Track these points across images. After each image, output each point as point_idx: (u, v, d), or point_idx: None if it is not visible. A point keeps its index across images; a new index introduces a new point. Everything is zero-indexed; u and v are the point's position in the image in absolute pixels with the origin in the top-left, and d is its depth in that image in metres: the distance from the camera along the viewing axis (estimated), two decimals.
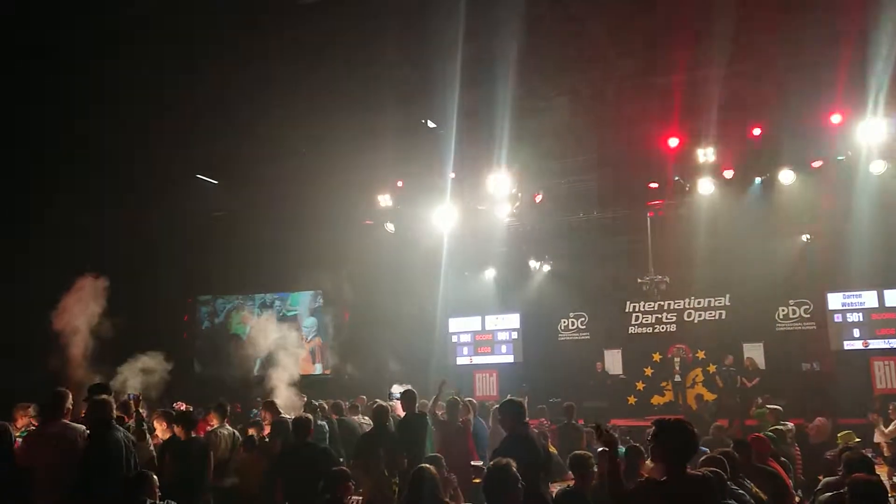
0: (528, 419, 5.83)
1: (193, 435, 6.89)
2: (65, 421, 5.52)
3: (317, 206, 15.86)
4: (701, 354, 15.33)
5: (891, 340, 13.70)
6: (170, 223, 16.12)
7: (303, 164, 14.45)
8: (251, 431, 7.98)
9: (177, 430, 6.79)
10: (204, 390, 15.51)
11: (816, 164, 13.12)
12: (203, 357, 19.13)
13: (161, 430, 7.36)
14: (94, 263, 9.75)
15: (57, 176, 12.80)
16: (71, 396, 5.71)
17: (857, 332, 14.05)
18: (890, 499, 6.00)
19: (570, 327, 17.08)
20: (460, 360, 17.59)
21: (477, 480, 6.87)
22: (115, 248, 14.14)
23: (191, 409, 7.97)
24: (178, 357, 16.95)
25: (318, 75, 12.15)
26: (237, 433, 7.65)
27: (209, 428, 7.63)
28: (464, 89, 11.83)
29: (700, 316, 15.79)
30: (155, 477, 4.79)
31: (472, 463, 7.63)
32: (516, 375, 16.20)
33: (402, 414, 7.81)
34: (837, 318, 14.26)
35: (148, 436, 6.66)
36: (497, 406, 10.38)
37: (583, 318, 16.97)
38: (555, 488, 6.18)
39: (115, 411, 5.74)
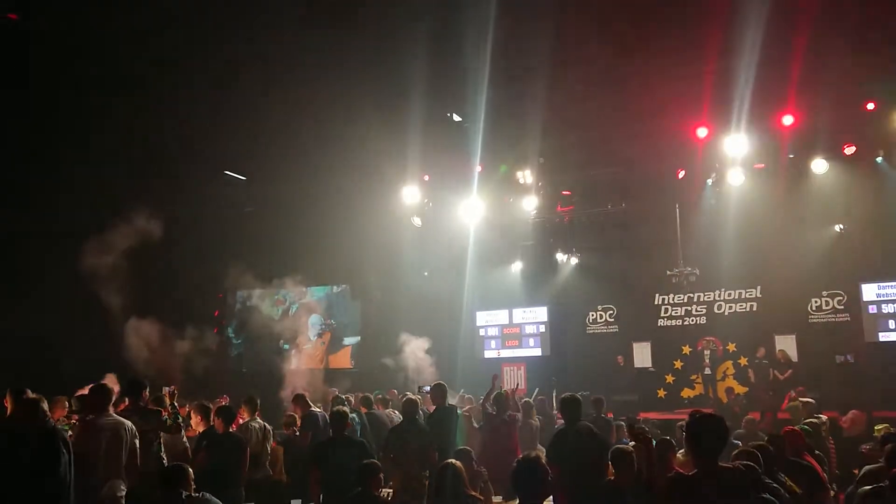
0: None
1: (231, 429, 7.03)
2: (113, 413, 5.93)
3: (344, 200, 15.96)
4: (732, 347, 15.16)
5: None
6: (198, 220, 16.34)
7: (329, 158, 14.53)
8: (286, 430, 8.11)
9: (216, 423, 6.93)
10: (235, 384, 15.75)
11: (849, 150, 12.90)
12: (237, 341, 19.42)
13: (196, 423, 7.50)
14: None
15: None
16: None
17: (892, 324, 13.76)
18: None
19: (599, 320, 16.99)
20: (488, 354, 17.59)
21: None
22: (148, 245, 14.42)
23: (227, 404, 8.09)
24: (210, 351, 17.27)
25: (344, 69, 12.22)
26: (267, 426, 7.75)
27: (241, 421, 7.73)
28: (491, 82, 11.81)
29: (731, 308, 15.59)
30: (190, 469, 4.86)
31: None
32: (544, 369, 16.16)
33: (433, 408, 7.86)
34: (872, 309, 13.99)
35: (182, 429, 6.79)
36: (527, 400, 10.46)
37: (611, 311, 16.87)
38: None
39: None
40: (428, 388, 8.24)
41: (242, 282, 19.12)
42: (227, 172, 16.27)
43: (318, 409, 8.35)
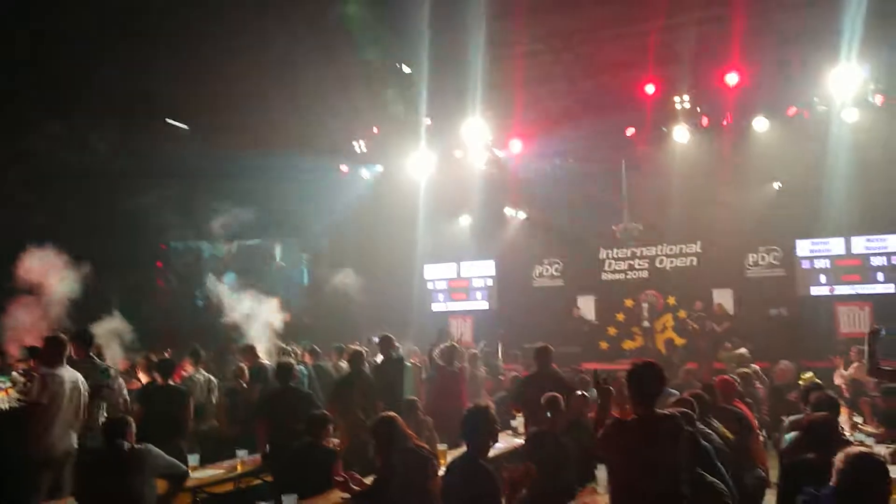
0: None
1: (171, 382, 6.96)
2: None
3: (290, 152, 15.65)
4: (672, 300, 15.60)
5: (855, 286, 14.03)
6: (138, 169, 15.83)
7: (276, 109, 14.18)
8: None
9: (156, 376, 6.87)
10: (179, 335, 15.53)
11: (791, 111, 13.27)
12: (178, 302, 19.08)
13: (141, 376, 7.43)
14: (56, 215, 9.57)
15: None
16: None
17: (823, 279, 14.36)
18: (850, 437, 6.25)
19: (545, 274, 17.24)
20: (436, 307, 17.73)
21: None
22: (89, 191, 13.96)
23: (168, 357, 7.99)
24: (153, 304, 16.92)
25: (291, 19, 11.86)
26: (213, 378, 7.70)
27: (185, 374, 7.67)
28: (438, 33, 11.64)
29: (672, 262, 15.99)
30: (132, 421, 4.81)
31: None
32: (491, 321, 16.41)
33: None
34: (805, 264, 14.54)
35: (120, 379, 6.73)
36: (473, 352, 10.62)
37: (557, 265, 17.12)
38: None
39: None
40: (377, 340, 8.28)
41: (186, 233, 18.77)
42: (168, 120, 15.74)
43: (267, 362, 8.32)
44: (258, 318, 10.03)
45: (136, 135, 14.72)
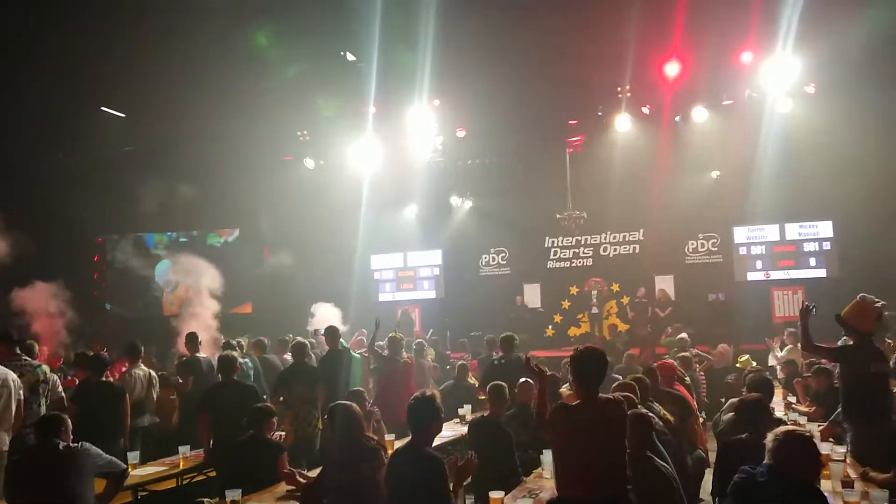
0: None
1: (106, 378, 6.76)
2: None
3: (232, 140, 15.31)
4: (615, 287, 15.90)
5: (789, 271, 14.53)
6: (74, 158, 15.28)
7: (217, 95, 13.83)
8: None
9: (90, 373, 6.67)
10: (118, 330, 15.13)
11: (727, 102, 13.63)
12: (116, 297, 18.55)
13: (77, 373, 7.20)
14: None
15: None
16: None
17: (759, 264, 14.83)
18: (784, 417, 6.48)
19: (492, 262, 17.35)
20: (383, 297, 17.66)
21: None
22: (18, 187, 13.41)
23: (103, 353, 7.74)
24: (90, 298, 16.39)
25: (232, 5, 11.58)
26: (153, 373, 7.50)
27: (123, 370, 7.45)
28: (383, 21, 11.53)
29: (615, 250, 16.28)
30: (68, 419, 4.65)
31: None
32: (439, 310, 16.44)
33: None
34: (742, 250, 14.99)
35: (55, 376, 6.50)
36: (419, 341, 10.62)
37: (503, 254, 17.25)
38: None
39: None
40: (323, 331, 8.18)
41: (125, 226, 18.23)
42: (104, 109, 15.19)
43: (204, 355, 8.13)
44: (196, 309, 9.84)
45: (69, 123, 14.20)
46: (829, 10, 11.18)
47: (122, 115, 15.40)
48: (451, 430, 6.98)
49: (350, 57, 14.03)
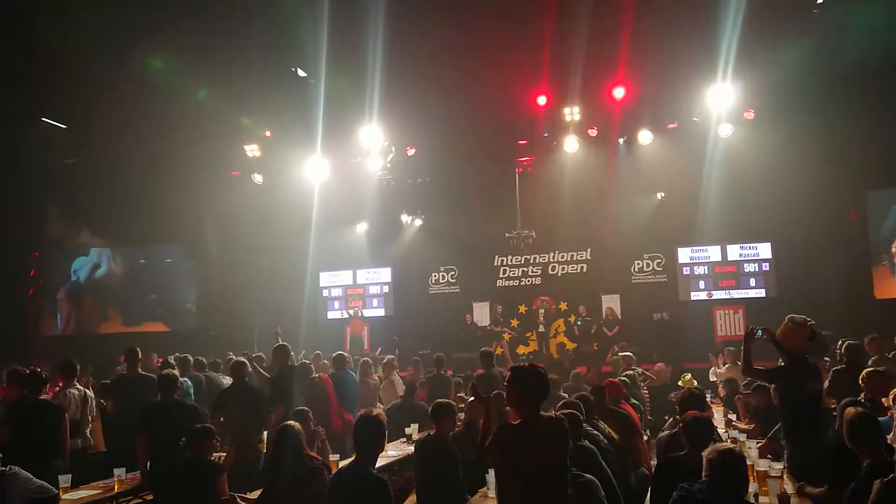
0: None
1: (43, 397, 6.47)
2: None
3: (179, 154, 15.03)
4: (563, 306, 16.04)
5: (731, 291, 14.92)
6: (11, 170, 14.77)
7: (165, 109, 13.58)
8: None
9: (24, 392, 6.37)
10: (60, 348, 14.62)
11: (672, 125, 14.03)
12: (52, 313, 17.93)
13: (9, 392, 6.89)
14: None
15: None
16: None
17: (702, 284, 15.18)
18: (723, 434, 6.61)
19: (441, 281, 17.34)
20: (331, 315, 17.48)
21: None
22: None
23: (39, 371, 7.43)
24: (24, 314, 15.82)
25: (182, 15, 11.43)
26: (89, 392, 7.24)
27: (57, 389, 7.17)
28: (334, 38, 11.53)
29: (563, 269, 16.46)
30: None
31: None
32: (388, 328, 16.32)
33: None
34: (686, 270, 15.33)
35: None
36: (365, 359, 10.51)
37: (453, 272, 17.26)
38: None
39: None
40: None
41: (65, 239, 17.66)
42: (44, 119, 14.75)
43: (144, 373, 7.87)
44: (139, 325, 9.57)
45: (5, 133, 13.74)
46: (764, 40, 11.64)
47: (63, 126, 14.99)
48: (397, 450, 6.92)
49: (301, 73, 13.98)
